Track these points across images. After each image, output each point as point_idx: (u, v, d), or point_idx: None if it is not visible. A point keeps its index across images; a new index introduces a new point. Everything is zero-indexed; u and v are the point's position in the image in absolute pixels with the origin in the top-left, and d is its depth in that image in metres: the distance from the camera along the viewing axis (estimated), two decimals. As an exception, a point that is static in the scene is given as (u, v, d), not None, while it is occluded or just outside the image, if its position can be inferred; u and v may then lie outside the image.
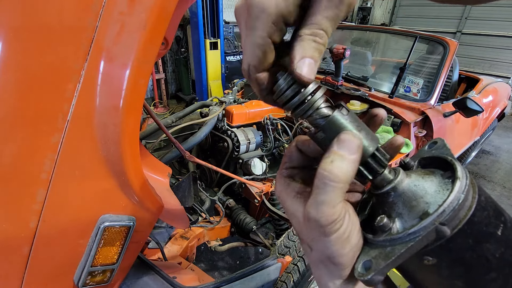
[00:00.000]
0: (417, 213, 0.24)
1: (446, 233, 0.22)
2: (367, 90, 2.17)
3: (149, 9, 0.49)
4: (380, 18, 8.40)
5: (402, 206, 0.25)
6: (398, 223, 0.24)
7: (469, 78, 3.35)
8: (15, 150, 0.48)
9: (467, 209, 0.23)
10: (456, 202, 0.22)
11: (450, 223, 0.22)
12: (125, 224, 0.61)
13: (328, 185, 0.23)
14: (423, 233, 0.22)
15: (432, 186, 0.25)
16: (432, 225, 0.22)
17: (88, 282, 0.64)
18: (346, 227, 0.24)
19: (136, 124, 0.55)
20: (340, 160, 0.23)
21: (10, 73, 0.45)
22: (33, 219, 0.51)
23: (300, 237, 0.28)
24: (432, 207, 0.23)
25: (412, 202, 0.24)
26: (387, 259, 0.22)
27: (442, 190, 0.24)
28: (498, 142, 4.42)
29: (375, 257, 0.23)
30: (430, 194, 0.24)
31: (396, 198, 0.25)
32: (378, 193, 0.26)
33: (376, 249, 0.24)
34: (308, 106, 0.25)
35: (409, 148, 1.85)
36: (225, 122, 1.81)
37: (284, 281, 1.24)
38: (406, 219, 0.24)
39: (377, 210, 0.27)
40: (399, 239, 0.23)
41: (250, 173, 1.71)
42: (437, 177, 0.25)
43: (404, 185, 0.25)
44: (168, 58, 5.22)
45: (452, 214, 0.22)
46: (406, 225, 0.24)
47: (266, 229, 1.81)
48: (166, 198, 0.74)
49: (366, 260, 0.24)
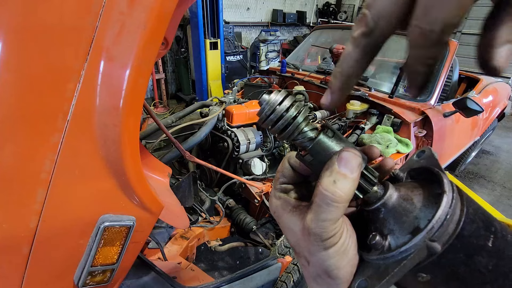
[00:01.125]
0: (408, 228, 0.24)
1: (437, 249, 0.22)
2: (367, 90, 2.17)
3: (149, 9, 0.49)
4: (380, 18, 8.38)
5: (393, 222, 0.25)
6: (390, 239, 0.24)
7: (469, 78, 3.35)
8: (15, 150, 0.48)
9: (456, 223, 0.23)
10: (444, 217, 0.22)
11: (440, 238, 0.22)
12: (125, 224, 0.61)
13: (331, 205, 0.23)
14: (414, 251, 0.22)
15: (420, 200, 0.25)
16: (423, 242, 0.22)
17: (88, 282, 0.64)
18: (344, 240, 0.25)
19: (136, 124, 0.55)
20: (343, 180, 0.23)
21: (10, 73, 0.45)
22: (33, 219, 0.51)
23: (296, 251, 0.28)
24: (422, 222, 0.23)
25: (403, 218, 0.25)
26: (381, 279, 0.23)
27: (431, 204, 0.24)
28: (498, 142, 4.42)
29: (370, 277, 0.24)
30: (419, 209, 0.24)
31: (386, 214, 0.26)
32: (369, 210, 0.27)
33: (371, 267, 0.24)
34: (292, 128, 0.25)
35: (409, 148, 1.85)
36: (225, 122, 1.81)
37: (284, 281, 1.25)
38: (398, 235, 0.24)
39: (370, 226, 0.27)
40: (391, 257, 0.23)
41: (250, 173, 1.71)
42: (425, 190, 0.26)
43: (394, 201, 0.26)
44: (168, 58, 5.23)
45: (441, 230, 0.22)
46: (398, 242, 0.24)
47: (266, 229, 1.81)
48: (166, 198, 0.74)
49: (361, 280, 0.24)
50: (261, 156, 1.81)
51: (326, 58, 2.55)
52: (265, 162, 1.80)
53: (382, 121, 1.97)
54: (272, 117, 0.25)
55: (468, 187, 3.12)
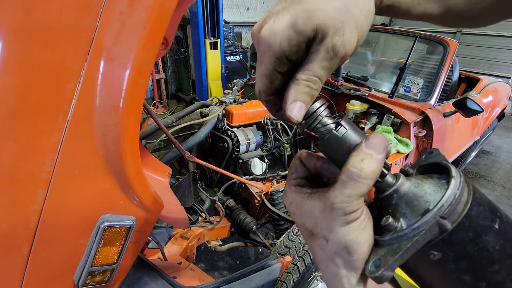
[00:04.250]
0: (419, 211, 0.26)
1: (447, 226, 0.24)
2: (367, 90, 2.17)
3: (149, 9, 0.49)
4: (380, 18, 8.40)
5: (405, 207, 0.27)
6: (402, 222, 0.26)
7: (469, 78, 3.35)
8: (15, 150, 0.48)
9: (464, 204, 0.25)
10: (453, 197, 0.24)
11: (449, 216, 0.24)
12: (125, 224, 0.61)
13: (358, 181, 0.25)
14: (426, 227, 0.24)
15: (430, 187, 0.27)
16: (434, 219, 0.24)
17: (88, 282, 0.64)
18: (365, 217, 0.27)
19: (136, 124, 0.55)
20: (369, 159, 0.25)
21: (10, 73, 0.45)
22: (33, 219, 0.51)
23: (314, 233, 0.29)
24: (432, 204, 0.25)
25: (414, 202, 0.26)
26: (395, 254, 0.24)
27: (440, 190, 0.26)
28: (498, 142, 4.42)
29: (384, 255, 0.25)
30: (429, 194, 0.26)
31: (399, 199, 0.27)
32: (382, 197, 0.28)
33: (384, 247, 0.26)
34: (313, 121, 0.29)
35: (409, 148, 1.85)
36: (225, 122, 1.81)
37: (284, 281, 1.25)
38: (410, 218, 0.26)
39: (382, 212, 0.29)
40: (404, 235, 0.25)
41: (250, 173, 1.71)
42: (434, 179, 0.28)
43: (405, 187, 0.28)
44: (168, 58, 5.22)
45: (450, 208, 0.24)
46: (410, 223, 0.26)
47: (266, 229, 1.81)
48: (166, 198, 0.74)
49: (376, 259, 0.26)
50: (261, 156, 1.81)
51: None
52: (265, 162, 1.80)
53: (382, 121, 1.97)
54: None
55: (468, 187, 3.11)
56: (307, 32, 0.26)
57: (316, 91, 0.28)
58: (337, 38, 0.26)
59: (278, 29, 0.26)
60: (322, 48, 0.26)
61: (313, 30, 0.26)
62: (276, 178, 1.81)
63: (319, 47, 0.27)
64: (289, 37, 0.26)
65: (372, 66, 2.93)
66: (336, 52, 0.26)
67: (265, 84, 0.29)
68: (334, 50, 0.26)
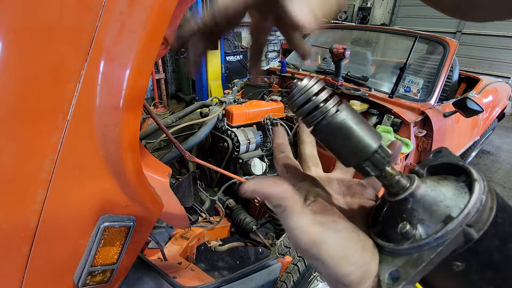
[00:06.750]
0: (439, 217, 0.23)
1: (473, 235, 0.22)
2: (367, 90, 2.17)
3: (149, 9, 0.49)
4: (380, 18, 8.40)
5: (422, 212, 0.24)
6: (420, 229, 0.24)
7: (469, 78, 3.35)
8: (15, 150, 0.48)
9: (489, 210, 0.23)
10: (479, 203, 0.22)
11: (476, 225, 0.22)
12: (125, 224, 0.61)
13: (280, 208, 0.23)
14: (451, 237, 0.22)
15: (449, 190, 0.25)
16: (459, 228, 0.22)
17: (88, 282, 0.64)
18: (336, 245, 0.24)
19: (136, 124, 0.55)
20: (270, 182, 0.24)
21: (10, 73, 0.45)
22: (33, 219, 0.51)
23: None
24: (454, 211, 0.23)
25: (433, 207, 0.24)
26: (417, 266, 0.22)
27: (460, 194, 0.24)
28: (498, 142, 4.42)
29: (402, 266, 0.23)
30: (449, 198, 0.24)
31: (415, 204, 0.25)
32: (395, 200, 0.26)
33: (401, 257, 0.24)
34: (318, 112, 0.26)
35: (409, 148, 1.85)
36: (225, 122, 1.81)
37: (284, 281, 1.24)
38: (429, 225, 0.24)
39: (394, 218, 0.26)
40: (426, 244, 0.23)
41: (250, 173, 1.71)
42: (452, 182, 0.25)
43: (422, 191, 0.25)
44: (168, 58, 5.22)
45: (477, 216, 0.22)
46: (430, 231, 0.23)
47: (266, 229, 1.81)
48: (166, 198, 0.74)
49: (393, 270, 0.23)
50: (261, 156, 1.81)
51: (326, 58, 2.55)
52: (265, 162, 1.80)
53: (382, 121, 1.97)
54: (300, 99, 0.26)
55: (468, 187, 3.11)
56: None
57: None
58: None
59: None
60: None
61: None
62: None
63: None
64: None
65: (372, 66, 2.93)
66: None
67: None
68: None
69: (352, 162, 0.26)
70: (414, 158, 2.03)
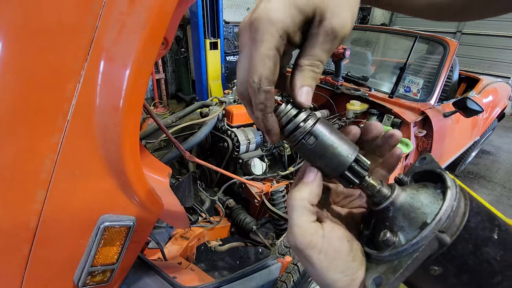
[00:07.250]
0: (417, 224, 0.25)
1: (446, 240, 0.23)
2: (367, 90, 2.17)
3: (149, 9, 0.49)
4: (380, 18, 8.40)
5: (402, 219, 0.26)
6: (401, 236, 0.25)
7: (469, 78, 3.35)
8: (15, 150, 0.48)
9: (462, 215, 0.24)
10: (450, 209, 0.23)
11: (448, 230, 0.23)
12: (125, 224, 0.61)
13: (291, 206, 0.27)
14: (425, 242, 0.23)
15: (427, 198, 0.26)
16: (432, 234, 0.23)
17: (88, 282, 0.64)
18: (327, 252, 0.25)
19: (136, 124, 0.55)
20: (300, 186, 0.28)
21: (10, 73, 0.45)
22: (33, 219, 0.51)
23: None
24: (429, 217, 0.24)
25: (411, 214, 0.25)
26: (396, 272, 0.23)
27: (436, 200, 0.25)
28: (498, 142, 4.42)
29: (384, 272, 0.24)
30: (426, 205, 0.25)
31: (395, 212, 0.26)
32: (378, 209, 0.28)
33: (384, 264, 0.25)
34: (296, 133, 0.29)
35: (409, 148, 1.85)
36: (225, 122, 1.80)
37: (284, 281, 1.24)
38: (408, 231, 0.25)
39: (379, 226, 0.28)
40: (404, 251, 0.24)
41: (250, 173, 1.70)
42: (430, 189, 0.27)
43: (401, 199, 0.27)
44: (168, 58, 5.22)
45: (448, 222, 0.23)
46: (409, 237, 0.25)
47: (266, 229, 1.81)
48: (166, 198, 0.74)
49: (376, 276, 0.24)
50: (261, 156, 1.81)
51: (326, 58, 2.54)
52: (265, 162, 1.80)
53: (382, 121, 1.97)
54: (284, 119, 0.29)
55: (468, 187, 3.12)
56: (308, 11, 0.26)
57: (319, 74, 0.28)
58: (336, 20, 0.26)
59: (278, 6, 0.25)
60: (322, 31, 0.26)
61: (312, 10, 0.26)
62: (276, 178, 1.81)
63: (319, 30, 0.26)
64: (291, 14, 0.25)
65: (372, 66, 2.93)
66: (335, 34, 0.26)
67: (269, 67, 0.26)
68: (334, 32, 0.26)
69: (331, 175, 0.28)
70: (414, 158, 2.03)
